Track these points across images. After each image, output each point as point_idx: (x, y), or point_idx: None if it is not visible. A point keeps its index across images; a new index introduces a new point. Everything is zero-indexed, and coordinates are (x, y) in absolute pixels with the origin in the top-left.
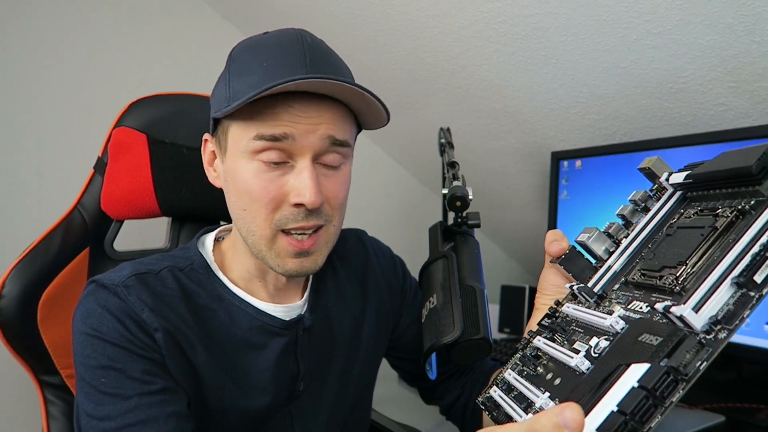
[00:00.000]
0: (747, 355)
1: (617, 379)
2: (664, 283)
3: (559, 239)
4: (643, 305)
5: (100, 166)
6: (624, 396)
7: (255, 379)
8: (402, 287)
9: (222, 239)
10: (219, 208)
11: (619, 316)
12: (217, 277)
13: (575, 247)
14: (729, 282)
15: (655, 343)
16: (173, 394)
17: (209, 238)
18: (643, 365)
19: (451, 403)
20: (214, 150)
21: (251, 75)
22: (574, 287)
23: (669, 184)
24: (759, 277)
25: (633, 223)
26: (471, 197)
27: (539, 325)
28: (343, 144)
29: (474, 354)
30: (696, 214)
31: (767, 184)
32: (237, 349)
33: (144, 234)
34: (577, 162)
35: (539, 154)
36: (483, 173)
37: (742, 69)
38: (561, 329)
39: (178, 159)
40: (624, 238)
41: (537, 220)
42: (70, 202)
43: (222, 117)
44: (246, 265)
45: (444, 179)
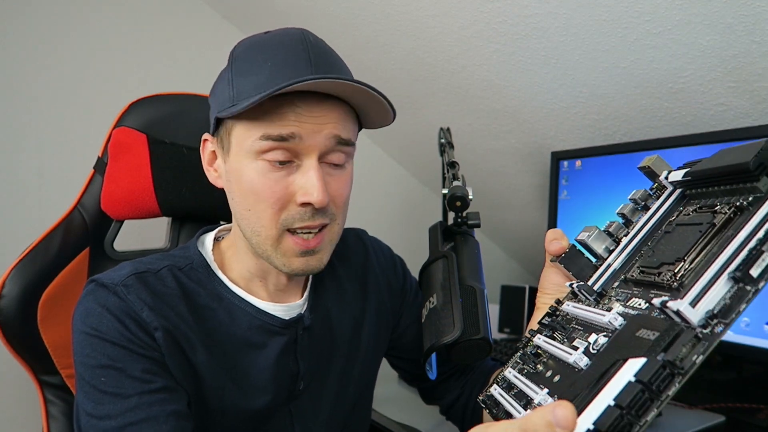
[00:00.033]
0: (747, 355)
1: (614, 374)
2: (662, 280)
3: (559, 238)
4: (642, 302)
5: (100, 166)
6: (620, 390)
7: (255, 379)
8: (402, 287)
9: (221, 239)
10: (219, 208)
11: (618, 312)
12: (217, 277)
13: (575, 246)
14: (726, 277)
15: (653, 338)
16: (173, 393)
17: (209, 237)
18: (640, 360)
19: (451, 403)
20: (214, 150)
21: (256, 74)
22: (573, 285)
23: (668, 182)
24: (755, 272)
25: (633, 222)
26: (471, 197)
27: (540, 324)
28: (348, 143)
29: (474, 354)
30: (695, 211)
31: (765, 180)
32: (237, 349)
33: (144, 234)
34: (577, 162)
35: (539, 154)
36: (483, 173)
37: (742, 69)
38: (561, 327)
39: (178, 159)
40: (624, 236)
41: (537, 220)
42: (70, 202)
43: (228, 116)
44: (247, 265)
45: (444, 179)
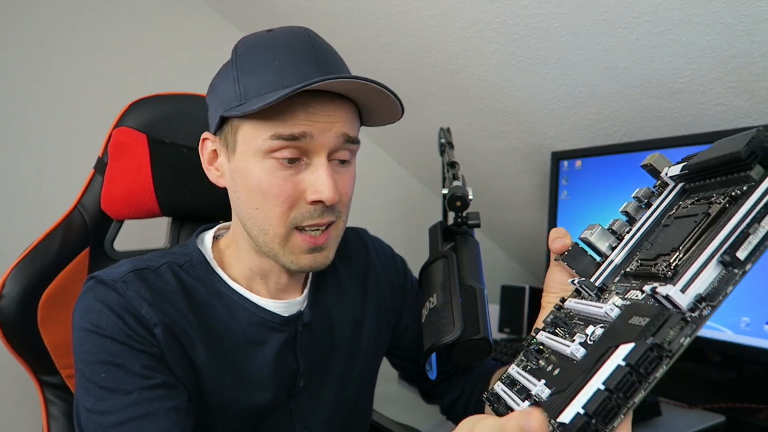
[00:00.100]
0: (747, 355)
1: (606, 361)
2: (657, 270)
3: (563, 236)
4: (639, 293)
5: (100, 166)
6: (609, 374)
7: (254, 375)
8: (403, 286)
9: (220, 237)
10: (219, 207)
11: (615, 304)
12: (216, 274)
13: (578, 244)
14: (715, 261)
15: (643, 324)
16: (173, 388)
17: (208, 235)
18: (630, 345)
19: (452, 403)
20: (216, 149)
21: (263, 74)
22: (575, 282)
23: (668, 177)
24: (742, 254)
25: (636, 220)
26: (471, 197)
27: (544, 322)
28: (355, 141)
29: (474, 354)
30: (693, 203)
31: (757, 168)
32: (236, 345)
33: (144, 234)
34: (577, 162)
35: (539, 154)
36: (483, 173)
37: (742, 69)
38: (563, 323)
39: (178, 159)
40: (627, 234)
41: (537, 220)
42: (70, 202)
43: (237, 116)
44: (248, 264)
45: (444, 179)
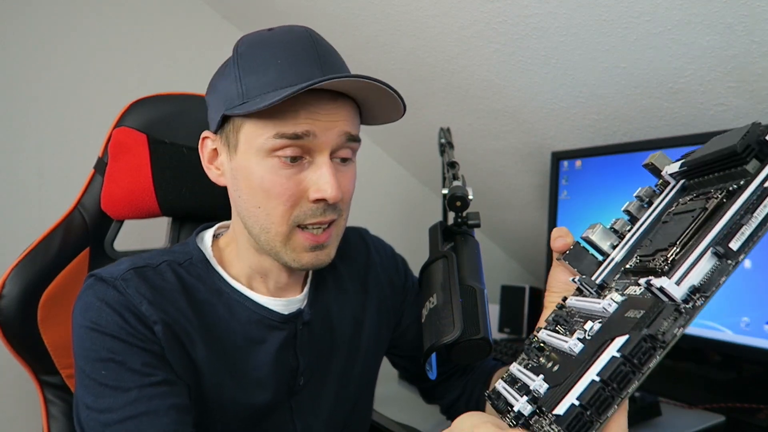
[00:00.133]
0: (747, 355)
1: (602, 353)
2: (655, 265)
3: (564, 235)
4: (637, 289)
5: (100, 166)
6: (603, 365)
7: (254, 373)
8: (404, 285)
9: (219, 236)
10: (219, 207)
11: (612, 299)
12: (216, 272)
13: (580, 243)
14: (709, 253)
15: (639, 317)
16: (173, 386)
17: (208, 234)
18: (625, 336)
19: (452, 403)
20: (216, 147)
21: (266, 72)
22: (576, 279)
23: (668, 175)
24: (735, 245)
25: (638, 219)
26: (471, 197)
27: (546, 321)
28: (356, 139)
29: (474, 354)
30: (691, 200)
31: (753, 162)
32: (236, 343)
33: (144, 234)
34: (577, 162)
35: (539, 154)
36: (483, 173)
37: (742, 69)
38: (564, 321)
39: (178, 159)
40: (628, 232)
41: (537, 220)
42: (70, 202)
43: (240, 115)
44: (248, 262)
45: (444, 179)
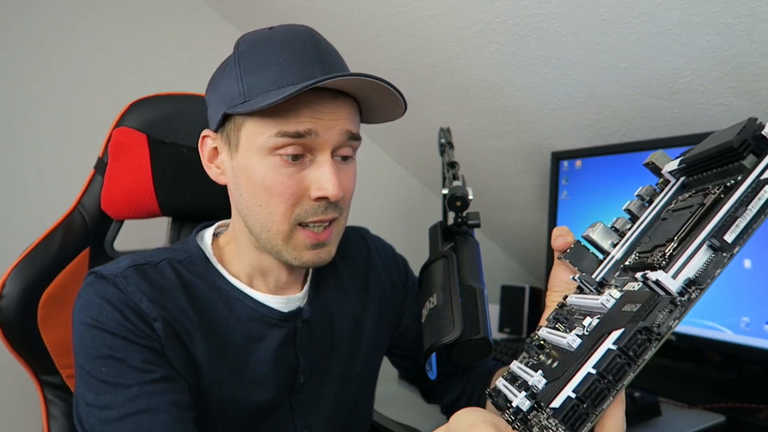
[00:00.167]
0: (747, 355)
1: (598, 347)
2: (653, 260)
3: (565, 234)
4: (636, 285)
5: (100, 166)
6: (599, 358)
7: (254, 371)
8: (405, 285)
9: (219, 235)
10: (219, 207)
11: (611, 294)
12: (216, 270)
13: (580, 242)
14: (705, 246)
15: (635, 310)
16: (174, 382)
17: (208, 232)
18: (621, 329)
19: (452, 403)
20: (216, 146)
21: (267, 71)
22: (576, 277)
23: (668, 172)
24: (729, 237)
25: (639, 217)
26: (471, 197)
27: (546, 319)
28: (357, 137)
29: (474, 354)
30: (690, 196)
31: (750, 157)
32: (235, 341)
33: (144, 234)
34: (577, 162)
35: (539, 154)
36: (483, 173)
37: (742, 69)
38: (564, 319)
39: (178, 159)
40: (628, 231)
41: (537, 220)
42: (70, 202)
43: (241, 113)
44: (248, 261)
45: (444, 179)
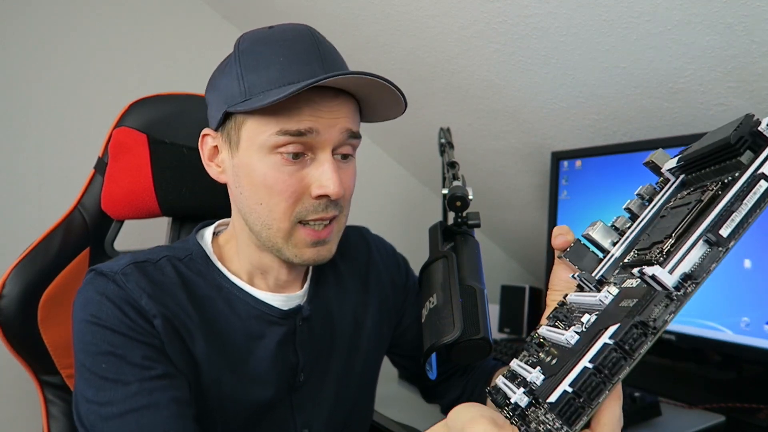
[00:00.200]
0: (747, 355)
1: (595, 342)
2: (651, 257)
3: (565, 233)
4: (634, 282)
5: (100, 166)
6: (596, 352)
7: (253, 369)
8: (405, 285)
9: (219, 233)
10: (219, 207)
11: (609, 291)
12: (216, 267)
13: (580, 241)
14: (702, 241)
15: (632, 305)
16: (173, 379)
17: (208, 231)
18: (617, 324)
19: (452, 403)
20: (216, 145)
21: (268, 69)
22: (576, 276)
23: (667, 171)
24: (725, 231)
25: (639, 216)
26: (471, 197)
27: (547, 318)
28: (357, 136)
29: (474, 354)
30: (688, 193)
31: (747, 154)
32: (235, 339)
33: (144, 234)
34: (577, 162)
35: (539, 154)
36: (483, 173)
37: (742, 69)
38: (564, 317)
39: (178, 159)
40: (628, 230)
41: (537, 220)
42: (70, 202)
43: (242, 111)
44: (248, 258)
45: (444, 179)
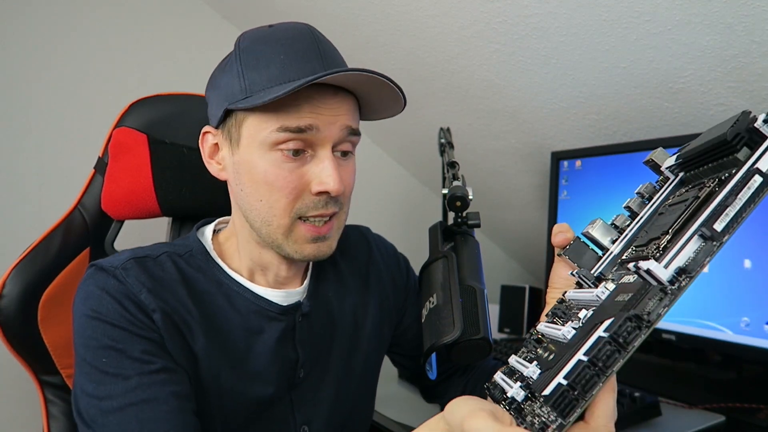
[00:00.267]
0: (747, 355)
1: (591, 336)
2: (648, 253)
3: (565, 231)
4: (631, 277)
5: (100, 166)
6: (590, 345)
7: (253, 364)
8: (406, 284)
9: (220, 231)
10: (219, 207)
11: (606, 287)
12: (216, 263)
13: (580, 238)
14: (696, 236)
15: (627, 299)
16: (173, 373)
17: (208, 228)
18: (612, 318)
19: None
20: (217, 142)
21: (269, 67)
22: (575, 273)
23: (666, 169)
24: (719, 226)
25: (638, 214)
26: (471, 197)
27: (546, 315)
28: (357, 133)
29: (474, 354)
30: (686, 190)
31: (744, 150)
32: (235, 334)
33: (144, 234)
34: (577, 162)
35: (539, 154)
36: (483, 173)
37: (742, 69)
38: (562, 314)
39: (178, 159)
40: (627, 227)
41: (537, 220)
42: (70, 202)
43: (243, 108)
44: (249, 255)
45: (444, 179)
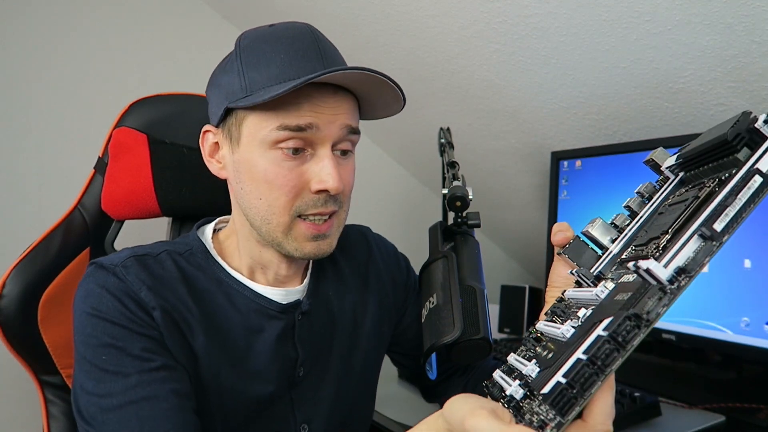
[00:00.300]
0: (747, 355)
1: (590, 335)
2: (647, 252)
3: (565, 230)
4: (630, 276)
5: (100, 166)
6: (589, 344)
7: (252, 363)
8: (406, 284)
9: (220, 230)
10: (219, 207)
11: (605, 286)
12: (216, 262)
13: (580, 237)
14: (696, 236)
15: (626, 298)
16: (173, 371)
17: (208, 227)
18: (611, 317)
19: None
20: (217, 141)
21: (269, 66)
22: (574, 271)
23: (666, 169)
24: (719, 225)
25: (638, 214)
26: (471, 197)
27: (546, 314)
28: (357, 132)
29: (474, 354)
30: (686, 190)
31: (744, 150)
32: (235, 332)
33: (144, 234)
34: (577, 162)
35: (539, 154)
36: (483, 173)
37: (742, 69)
38: (562, 312)
39: (178, 159)
40: (627, 227)
41: (537, 220)
42: (70, 202)
43: (243, 107)
44: (249, 254)
45: (444, 179)
